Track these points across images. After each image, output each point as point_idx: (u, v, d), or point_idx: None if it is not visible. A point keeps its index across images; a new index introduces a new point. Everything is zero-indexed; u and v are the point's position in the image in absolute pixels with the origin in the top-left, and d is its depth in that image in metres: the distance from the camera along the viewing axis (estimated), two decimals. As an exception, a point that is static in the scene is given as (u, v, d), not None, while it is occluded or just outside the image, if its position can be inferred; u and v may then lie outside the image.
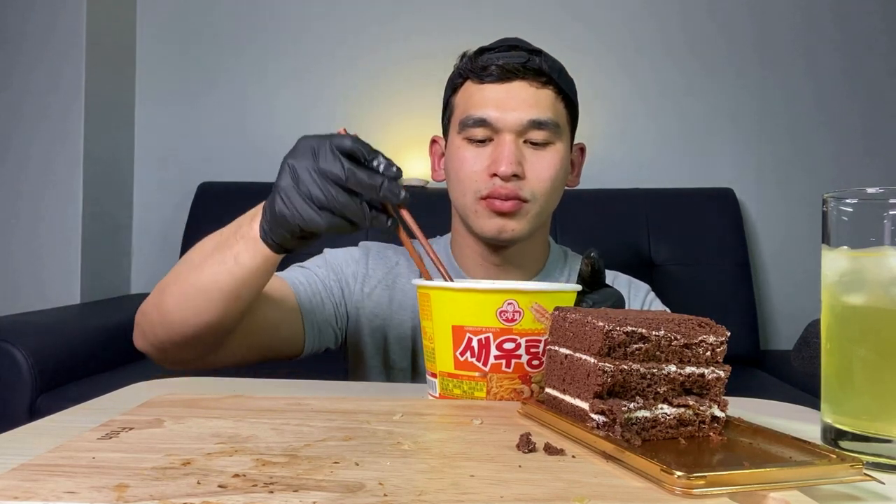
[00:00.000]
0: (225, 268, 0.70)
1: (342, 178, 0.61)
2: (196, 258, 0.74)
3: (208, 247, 0.73)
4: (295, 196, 0.63)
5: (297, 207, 0.63)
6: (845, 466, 0.39)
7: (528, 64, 0.87)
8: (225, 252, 0.70)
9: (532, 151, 0.88)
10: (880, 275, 0.46)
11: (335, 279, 0.93)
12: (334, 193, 0.62)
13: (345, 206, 0.62)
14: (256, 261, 0.69)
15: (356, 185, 0.62)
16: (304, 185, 0.62)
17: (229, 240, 0.71)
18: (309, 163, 0.63)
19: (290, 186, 0.63)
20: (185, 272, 0.74)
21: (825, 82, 2.22)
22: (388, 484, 0.36)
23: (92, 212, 2.04)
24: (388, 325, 0.94)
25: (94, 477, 0.36)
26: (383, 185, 0.63)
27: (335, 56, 2.26)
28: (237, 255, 0.69)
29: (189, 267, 0.74)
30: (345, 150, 0.63)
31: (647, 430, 0.46)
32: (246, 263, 0.69)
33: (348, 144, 0.63)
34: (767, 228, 2.21)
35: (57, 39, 1.99)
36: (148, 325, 0.78)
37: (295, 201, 0.63)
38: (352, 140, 0.63)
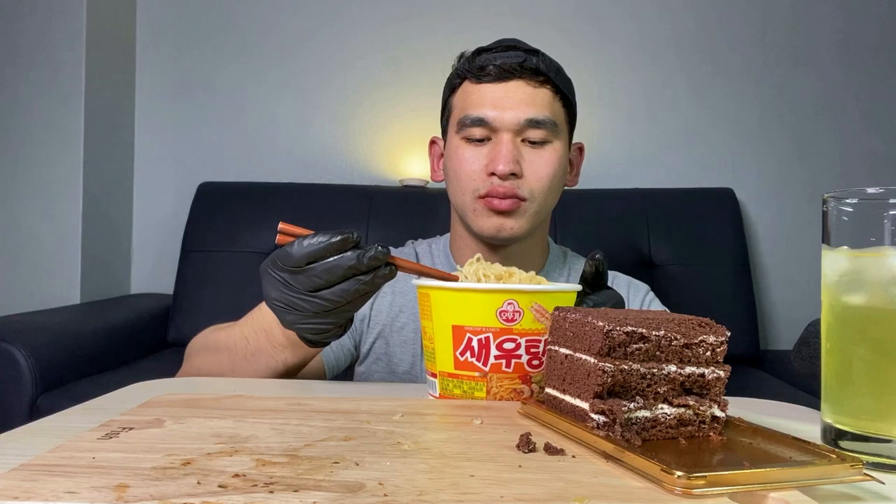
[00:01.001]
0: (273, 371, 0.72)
1: (324, 284, 0.61)
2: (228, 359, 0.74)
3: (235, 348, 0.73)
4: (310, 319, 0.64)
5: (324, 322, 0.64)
6: (845, 466, 0.39)
7: (526, 63, 0.88)
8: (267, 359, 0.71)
9: (530, 150, 0.88)
10: (880, 275, 0.46)
11: None
12: (332, 294, 0.62)
13: (348, 294, 0.62)
14: (307, 358, 0.72)
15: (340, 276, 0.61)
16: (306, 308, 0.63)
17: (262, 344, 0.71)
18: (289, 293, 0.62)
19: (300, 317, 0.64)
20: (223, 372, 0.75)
21: (825, 82, 2.22)
22: (388, 484, 0.36)
23: (92, 212, 2.04)
24: (390, 330, 0.94)
25: (94, 477, 0.36)
26: (360, 257, 0.60)
27: (335, 57, 2.26)
28: (286, 360, 0.71)
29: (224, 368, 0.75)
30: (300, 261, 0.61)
31: (647, 430, 0.46)
32: (297, 363, 0.72)
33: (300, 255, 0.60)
34: (767, 228, 2.21)
35: (57, 39, 1.99)
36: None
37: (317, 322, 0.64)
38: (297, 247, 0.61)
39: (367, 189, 2.09)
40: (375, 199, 2.03)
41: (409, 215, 1.96)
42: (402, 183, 2.16)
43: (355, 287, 0.61)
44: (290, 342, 0.69)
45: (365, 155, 2.24)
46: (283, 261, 0.61)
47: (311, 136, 2.25)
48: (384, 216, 1.97)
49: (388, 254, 0.62)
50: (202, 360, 0.77)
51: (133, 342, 1.82)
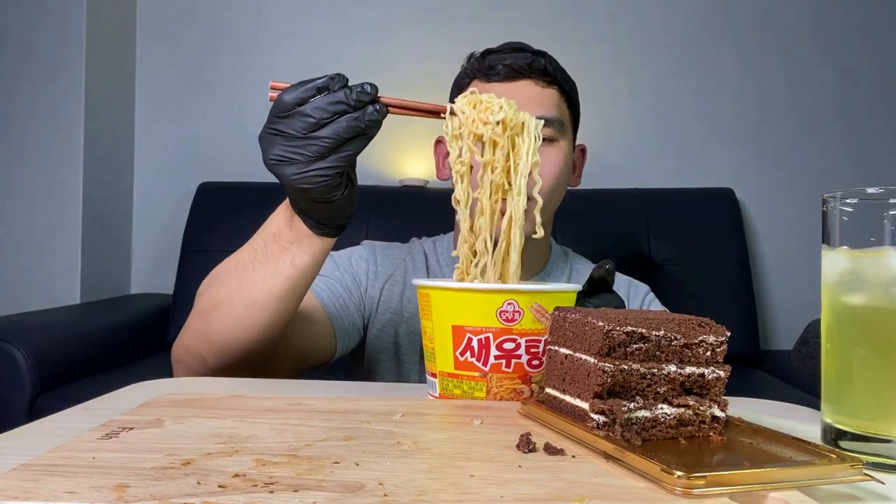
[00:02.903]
0: (282, 276, 0.70)
1: (315, 120, 0.60)
2: (236, 277, 0.73)
3: (245, 262, 0.72)
4: (308, 167, 0.62)
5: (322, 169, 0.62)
6: (845, 466, 0.39)
7: (534, 64, 0.90)
8: (276, 262, 0.70)
9: None
10: (880, 275, 0.46)
11: (351, 279, 0.95)
12: (325, 133, 0.61)
13: (341, 129, 0.61)
14: (315, 256, 0.70)
15: (330, 111, 0.60)
16: (303, 153, 0.61)
17: (271, 249, 0.70)
18: (282, 140, 0.62)
19: (297, 166, 0.62)
20: (231, 293, 0.73)
21: (826, 82, 2.22)
22: (388, 484, 0.36)
23: (92, 212, 2.04)
24: (399, 320, 0.95)
25: (94, 477, 0.36)
26: (348, 93, 0.60)
27: (335, 57, 2.26)
28: (293, 259, 0.69)
29: (233, 287, 0.73)
30: (288, 106, 0.61)
31: (647, 430, 0.46)
32: (305, 262, 0.70)
33: (288, 99, 0.61)
34: (767, 228, 2.21)
35: (57, 40, 1.99)
36: (195, 359, 0.76)
37: (315, 169, 0.62)
38: (285, 94, 0.61)
39: (367, 189, 2.09)
40: (375, 199, 2.03)
41: (409, 215, 1.96)
42: (402, 183, 2.16)
43: (348, 123, 0.61)
44: (298, 236, 0.68)
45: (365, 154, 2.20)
46: (276, 109, 0.61)
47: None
48: (384, 216, 1.97)
49: (375, 89, 0.61)
50: (212, 290, 0.76)
51: (133, 342, 1.82)
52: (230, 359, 0.74)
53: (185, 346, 0.77)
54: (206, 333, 0.74)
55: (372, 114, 0.62)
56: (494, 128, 0.64)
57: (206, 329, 0.75)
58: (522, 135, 0.65)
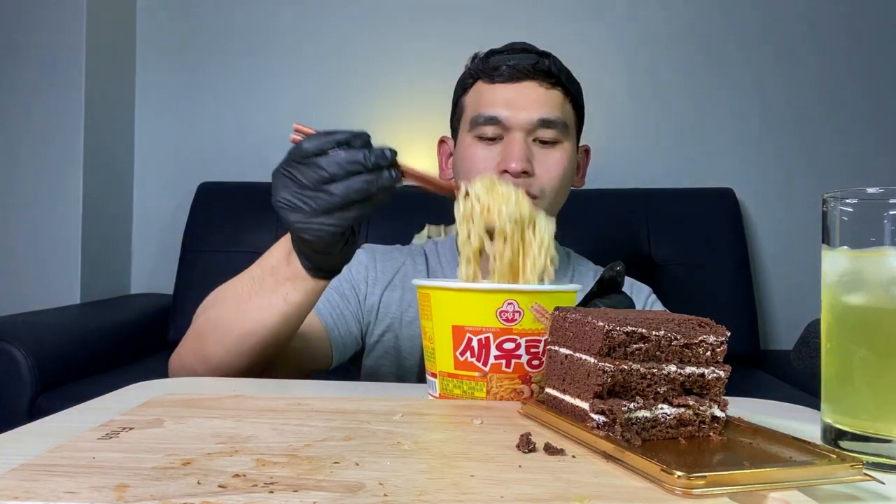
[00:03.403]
0: (275, 310, 0.70)
1: (328, 176, 0.61)
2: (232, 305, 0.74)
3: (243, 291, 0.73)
4: (313, 219, 0.62)
5: (326, 224, 0.62)
6: (845, 466, 0.39)
7: (538, 65, 0.90)
8: (270, 296, 0.70)
9: (541, 150, 0.90)
10: (880, 275, 0.46)
11: (349, 286, 0.95)
12: (337, 190, 0.61)
13: (353, 191, 0.61)
14: (308, 295, 0.71)
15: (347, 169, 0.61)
16: (310, 205, 0.61)
17: (267, 283, 0.71)
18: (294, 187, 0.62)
19: (302, 216, 0.62)
20: (228, 320, 0.74)
21: (826, 82, 2.22)
22: (388, 484, 0.36)
23: (92, 212, 2.04)
24: (399, 325, 0.95)
25: (94, 477, 0.36)
26: (367, 155, 0.61)
27: (336, 56, 2.26)
28: (286, 295, 0.70)
29: (230, 314, 0.74)
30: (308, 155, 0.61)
31: (647, 430, 0.46)
32: (297, 300, 0.70)
33: (309, 148, 0.61)
34: (767, 228, 2.21)
35: (57, 40, 1.99)
36: (189, 374, 0.78)
37: (319, 223, 0.62)
38: (307, 141, 0.61)
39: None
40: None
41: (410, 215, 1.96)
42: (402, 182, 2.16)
43: (360, 185, 0.61)
44: (294, 274, 0.69)
45: (365, 155, 2.24)
46: (294, 154, 0.62)
47: (311, 136, 2.25)
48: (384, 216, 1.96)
49: (394, 154, 0.62)
50: (209, 314, 0.77)
51: (133, 342, 1.82)
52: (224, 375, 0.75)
53: (181, 361, 0.79)
54: (201, 353, 0.76)
55: (386, 179, 0.62)
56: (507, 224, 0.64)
57: (201, 349, 0.76)
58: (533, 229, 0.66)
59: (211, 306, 0.78)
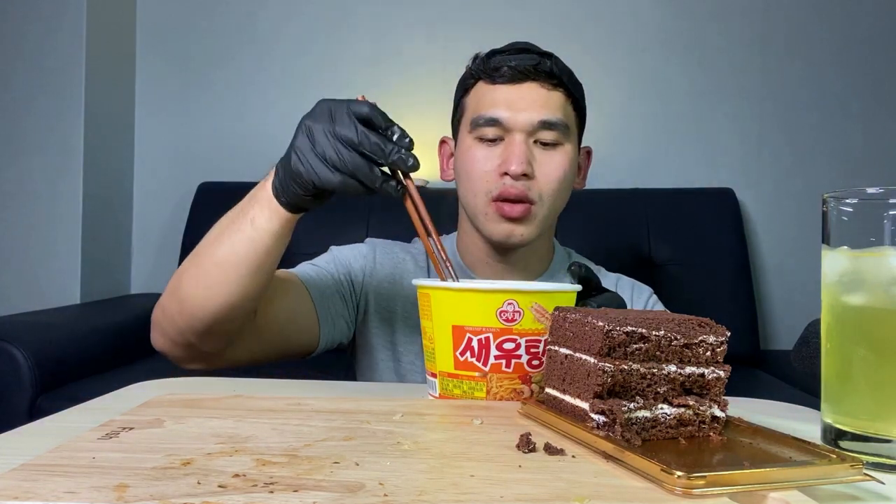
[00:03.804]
0: (243, 235, 0.71)
1: (355, 141, 0.63)
2: (212, 236, 0.74)
3: (223, 223, 0.74)
4: (310, 154, 0.65)
5: (313, 165, 0.65)
6: (845, 466, 0.39)
7: (540, 66, 0.89)
8: (240, 220, 0.71)
9: (541, 152, 0.89)
10: (880, 275, 0.46)
11: (344, 273, 0.94)
12: (347, 155, 0.63)
13: (357, 168, 0.64)
14: (273, 223, 0.70)
15: (368, 149, 0.63)
16: (320, 145, 0.64)
17: (244, 208, 0.72)
18: (326, 125, 0.65)
19: (307, 145, 0.65)
20: (202, 251, 0.74)
21: (825, 82, 2.22)
22: (388, 484, 0.36)
23: (92, 212, 2.04)
24: (396, 318, 0.95)
25: (94, 477, 0.36)
26: (393, 151, 0.64)
27: (336, 57, 2.26)
28: (253, 218, 0.70)
29: (205, 245, 0.74)
30: (361, 115, 0.65)
31: (647, 430, 0.46)
32: (263, 226, 0.70)
33: (365, 111, 0.65)
34: (767, 228, 2.21)
35: (57, 39, 1.99)
36: (167, 320, 0.77)
37: (310, 159, 0.65)
38: (369, 107, 0.65)
39: (367, 189, 2.09)
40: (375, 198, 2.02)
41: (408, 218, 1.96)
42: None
43: (364, 169, 0.63)
44: (265, 195, 0.70)
45: (365, 155, 2.24)
46: (351, 104, 0.65)
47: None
48: (384, 216, 1.97)
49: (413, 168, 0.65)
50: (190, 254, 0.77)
51: (133, 342, 1.82)
52: (198, 322, 0.74)
53: (160, 305, 0.78)
54: (177, 292, 0.75)
55: (386, 187, 0.65)
56: None
57: (177, 287, 0.75)
58: None
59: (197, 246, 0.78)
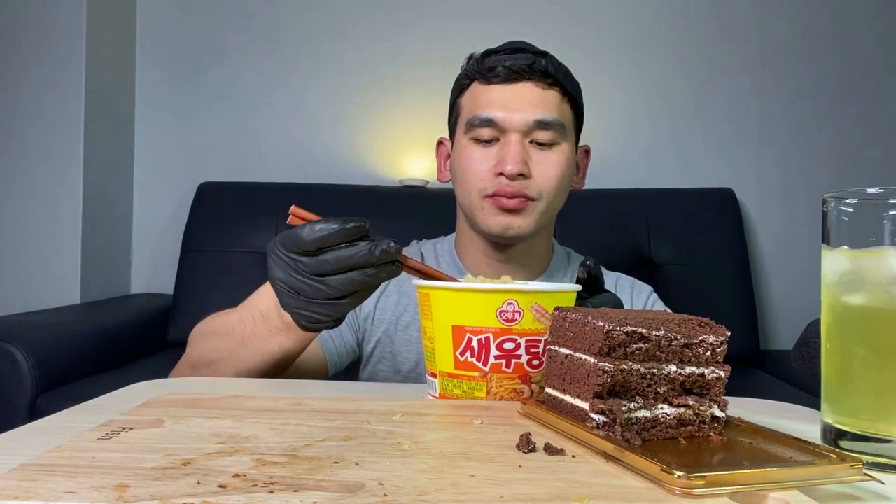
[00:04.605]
0: (270, 357, 0.71)
1: (330, 271, 0.60)
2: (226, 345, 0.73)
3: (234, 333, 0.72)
4: (309, 306, 0.62)
5: (321, 312, 0.62)
6: (845, 466, 0.39)
7: (535, 65, 0.88)
8: (264, 344, 0.70)
9: (538, 151, 0.89)
10: (880, 275, 0.46)
11: None
12: (336, 283, 0.60)
13: (352, 286, 0.61)
14: (302, 343, 0.71)
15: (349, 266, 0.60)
16: (306, 294, 0.61)
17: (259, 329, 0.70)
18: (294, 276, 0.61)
19: (299, 302, 0.62)
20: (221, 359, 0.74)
21: (825, 82, 2.22)
22: (388, 484, 0.36)
23: (92, 212, 2.04)
24: (395, 330, 0.94)
25: (94, 477, 0.36)
26: (372, 250, 0.59)
27: (335, 57, 2.26)
28: (281, 345, 0.70)
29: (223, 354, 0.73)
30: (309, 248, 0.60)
31: (647, 430, 0.46)
32: (291, 348, 0.71)
33: (310, 240, 0.59)
34: (767, 228, 2.21)
35: (57, 39, 1.99)
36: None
37: (314, 309, 0.62)
38: (309, 232, 0.59)
39: (367, 189, 2.09)
40: (375, 199, 2.03)
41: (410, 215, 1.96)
42: (402, 183, 2.16)
43: (361, 279, 0.60)
44: (286, 326, 0.67)
45: (365, 155, 2.24)
46: (294, 243, 0.60)
47: (311, 136, 2.25)
48: (384, 216, 1.96)
49: (399, 251, 0.61)
50: (202, 346, 0.77)
51: (133, 342, 1.82)
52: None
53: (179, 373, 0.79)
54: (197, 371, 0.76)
55: (386, 272, 0.61)
56: None
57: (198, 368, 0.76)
58: None
59: (204, 339, 0.77)
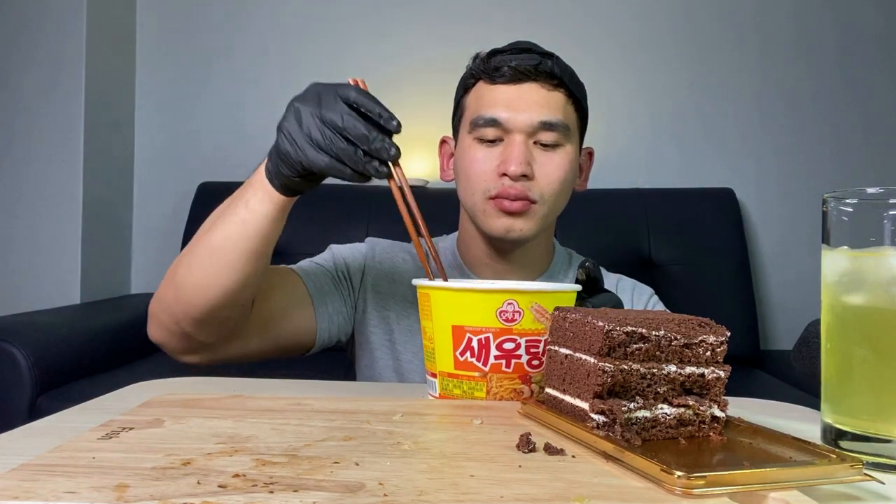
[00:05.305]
0: (237, 218, 0.71)
1: (340, 125, 0.64)
2: (208, 223, 0.75)
3: (219, 210, 0.75)
4: (298, 136, 0.66)
5: (300, 146, 0.65)
6: (845, 466, 0.39)
7: (540, 66, 0.88)
8: (235, 204, 0.72)
9: (541, 153, 0.89)
10: (880, 275, 0.46)
11: (343, 270, 0.95)
12: (333, 139, 0.64)
13: (342, 152, 0.64)
14: (267, 205, 0.71)
15: (352, 134, 0.64)
16: (307, 126, 0.65)
17: (239, 193, 0.73)
18: (313, 108, 0.65)
19: (294, 127, 0.66)
20: (198, 239, 0.74)
21: (825, 82, 2.22)
22: (388, 484, 0.36)
23: (92, 212, 2.04)
24: (395, 317, 0.95)
25: (94, 477, 0.36)
26: (376, 139, 0.64)
27: (335, 57, 2.26)
28: (247, 201, 0.71)
29: (201, 233, 0.75)
30: (349, 99, 0.65)
31: (647, 430, 0.46)
32: (257, 208, 0.71)
33: (352, 95, 0.65)
34: (767, 228, 2.21)
35: (57, 39, 1.99)
36: (164, 310, 0.77)
37: (298, 140, 0.65)
38: (356, 91, 0.65)
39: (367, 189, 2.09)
40: (375, 198, 2.02)
41: (410, 215, 1.96)
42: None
43: (349, 153, 0.64)
44: (259, 178, 0.70)
45: (365, 155, 2.24)
46: (339, 88, 0.65)
47: (311, 136, 2.25)
48: (384, 216, 1.96)
49: (394, 158, 0.66)
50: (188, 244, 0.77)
51: (133, 342, 1.82)
52: (194, 310, 0.74)
53: (157, 295, 0.79)
54: (173, 280, 0.76)
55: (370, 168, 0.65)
56: None
57: (173, 275, 0.76)
58: None
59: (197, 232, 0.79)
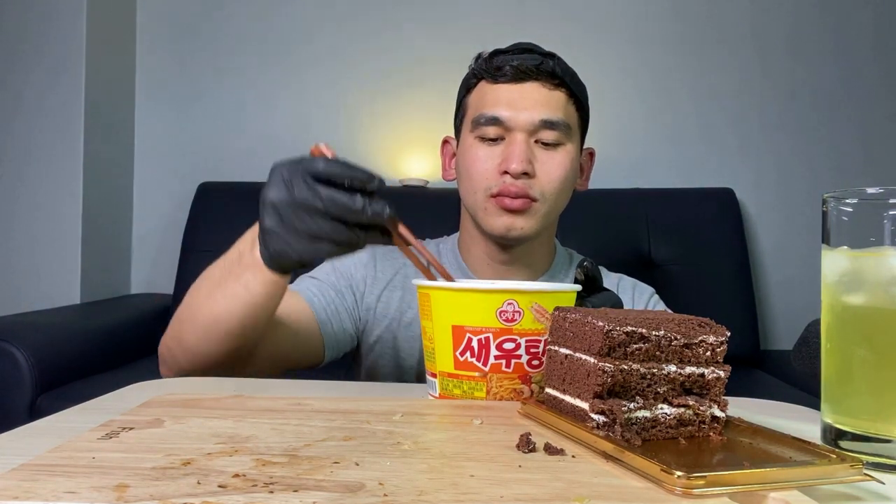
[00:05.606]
0: (238, 299, 0.70)
1: (321, 209, 0.60)
2: (205, 290, 0.74)
3: (215, 276, 0.73)
4: (285, 234, 0.62)
5: (291, 243, 0.63)
6: (845, 466, 0.39)
7: (542, 66, 0.89)
8: (234, 283, 0.70)
9: (543, 151, 0.89)
10: (880, 275, 0.46)
11: (346, 284, 0.95)
12: (320, 224, 0.60)
13: (334, 233, 0.61)
14: (267, 287, 0.69)
15: (336, 213, 0.60)
16: (288, 221, 0.61)
17: (234, 269, 0.71)
18: (285, 197, 0.61)
19: (277, 225, 0.62)
20: (199, 305, 0.74)
21: (825, 83, 2.22)
22: (388, 484, 0.36)
23: (92, 212, 2.04)
24: (398, 325, 0.95)
25: (94, 477, 0.36)
26: (366, 207, 0.60)
27: (335, 57, 2.26)
28: (247, 284, 0.69)
29: (202, 300, 0.74)
30: (318, 175, 0.60)
31: (647, 430, 0.46)
32: (257, 290, 0.69)
33: (320, 168, 0.60)
34: (767, 228, 2.21)
35: (57, 40, 1.99)
36: (172, 358, 0.78)
37: (287, 238, 0.62)
38: (323, 162, 0.61)
39: (367, 189, 2.09)
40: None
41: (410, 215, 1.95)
42: (402, 183, 2.16)
43: (345, 234, 0.61)
44: (254, 263, 0.68)
45: (365, 155, 2.24)
46: (306, 165, 0.60)
47: (311, 136, 2.25)
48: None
49: (393, 219, 0.61)
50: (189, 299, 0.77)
51: (133, 342, 1.82)
52: (202, 364, 0.75)
53: (165, 344, 0.79)
54: (179, 338, 0.76)
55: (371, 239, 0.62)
56: None
57: (180, 333, 0.76)
58: None
59: (194, 290, 0.78)
